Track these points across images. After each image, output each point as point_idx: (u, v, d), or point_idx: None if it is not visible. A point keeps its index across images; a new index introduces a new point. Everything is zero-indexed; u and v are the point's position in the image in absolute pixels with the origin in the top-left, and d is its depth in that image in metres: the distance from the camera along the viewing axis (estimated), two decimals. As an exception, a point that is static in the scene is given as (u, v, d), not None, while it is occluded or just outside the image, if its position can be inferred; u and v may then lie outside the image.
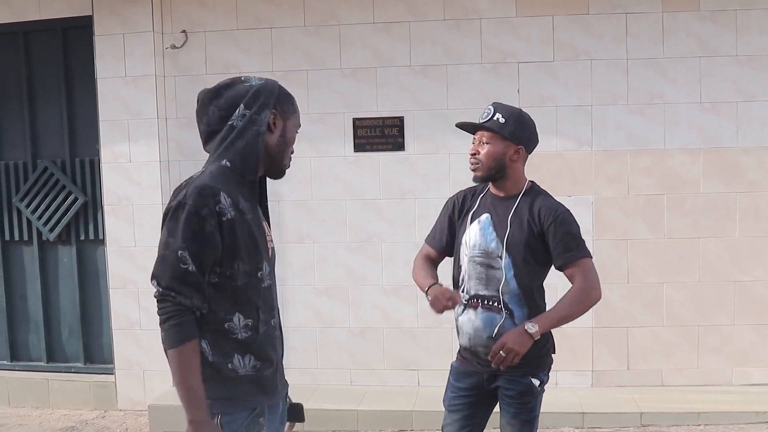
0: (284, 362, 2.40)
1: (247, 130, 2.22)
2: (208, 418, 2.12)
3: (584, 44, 5.25)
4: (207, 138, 2.29)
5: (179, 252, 2.09)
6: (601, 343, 5.35)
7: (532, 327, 2.86)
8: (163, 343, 2.13)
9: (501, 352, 2.82)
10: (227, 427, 2.17)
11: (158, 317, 2.12)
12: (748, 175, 5.22)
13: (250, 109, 2.22)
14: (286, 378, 2.44)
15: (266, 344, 2.25)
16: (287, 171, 2.38)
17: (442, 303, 2.88)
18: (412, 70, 5.37)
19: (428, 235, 3.26)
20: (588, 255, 2.95)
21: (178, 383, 2.11)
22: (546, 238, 2.93)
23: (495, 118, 2.96)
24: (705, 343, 5.32)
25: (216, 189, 2.12)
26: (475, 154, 2.99)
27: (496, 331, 2.93)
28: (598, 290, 2.95)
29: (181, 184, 2.21)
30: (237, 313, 2.19)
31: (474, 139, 3.04)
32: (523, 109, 3.07)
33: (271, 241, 2.37)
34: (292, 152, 2.37)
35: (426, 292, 2.99)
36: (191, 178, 2.21)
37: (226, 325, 2.18)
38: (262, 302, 2.24)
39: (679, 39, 5.19)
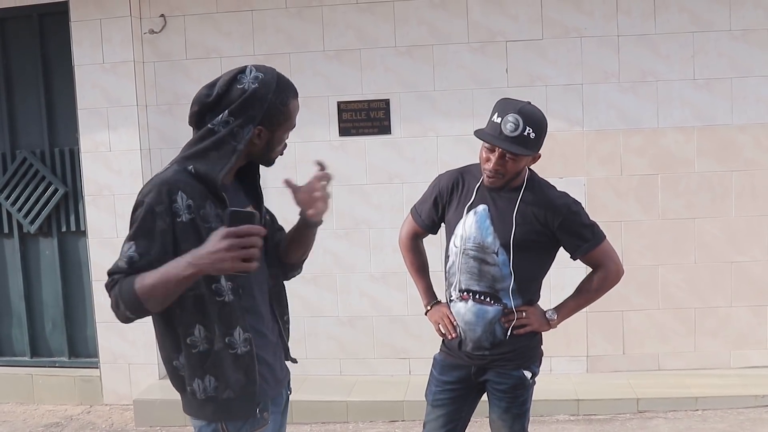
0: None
1: (225, 143, 2.07)
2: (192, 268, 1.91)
3: (574, 21, 5.11)
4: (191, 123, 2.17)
5: (129, 246, 2.00)
6: (595, 327, 5.23)
7: (552, 314, 2.90)
8: (126, 307, 1.96)
9: (524, 314, 2.84)
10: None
11: (109, 300, 2.00)
12: (743, 153, 5.10)
13: (235, 118, 2.06)
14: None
15: (223, 363, 2.09)
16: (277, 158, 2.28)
17: (441, 330, 2.97)
18: (397, 51, 5.23)
19: (414, 207, 3.11)
20: (602, 238, 2.87)
21: (162, 289, 1.91)
22: (557, 237, 2.82)
23: (526, 134, 2.67)
24: (702, 325, 5.21)
25: (175, 187, 2.02)
26: (498, 170, 2.72)
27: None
28: (620, 269, 2.93)
29: (151, 179, 2.11)
30: (197, 324, 2.07)
31: (490, 147, 2.73)
32: (511, 92, 2.90)
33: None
34: (284, 147, 2.25)
35: (426, 312, 3.07)
36: (160, 172, 2.12)
37: (188, 340, 2.08)
38: (216, 317, 2.07)
39: (671, 14, 5.05)
